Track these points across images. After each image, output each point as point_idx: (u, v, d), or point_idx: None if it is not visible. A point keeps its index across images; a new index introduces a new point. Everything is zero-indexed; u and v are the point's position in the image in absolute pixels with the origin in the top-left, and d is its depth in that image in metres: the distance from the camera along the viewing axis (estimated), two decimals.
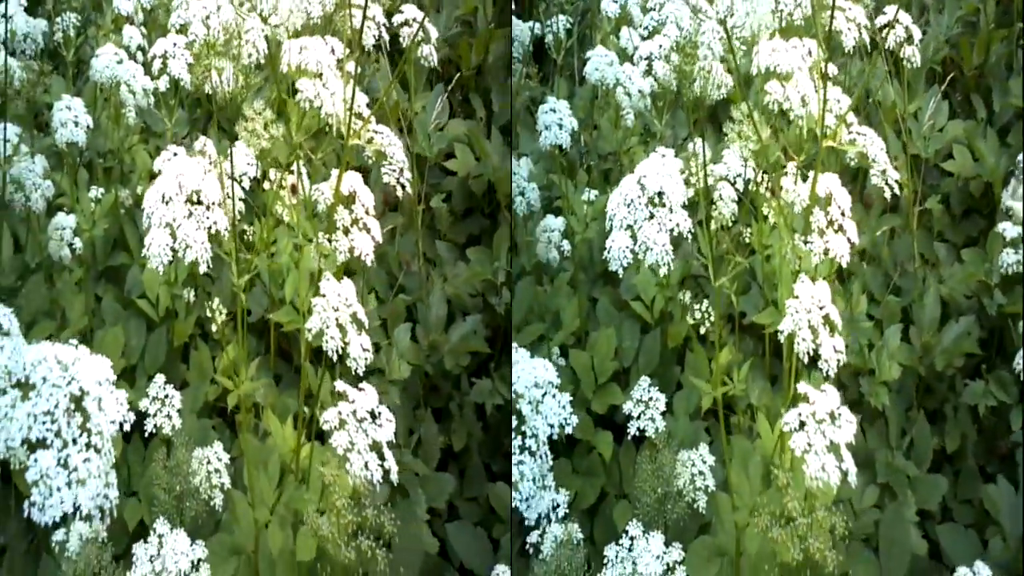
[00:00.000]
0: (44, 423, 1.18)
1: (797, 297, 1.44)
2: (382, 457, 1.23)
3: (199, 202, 1.28)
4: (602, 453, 1.86)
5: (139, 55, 1.96)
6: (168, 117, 1.78)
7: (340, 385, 1.27)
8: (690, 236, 1.44)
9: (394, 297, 2.02)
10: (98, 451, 1.21)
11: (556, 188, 2.11)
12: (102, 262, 2.04)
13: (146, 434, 1.53)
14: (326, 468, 1.21)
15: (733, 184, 1.79)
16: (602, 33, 2.32)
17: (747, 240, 1.67)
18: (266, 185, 1.46)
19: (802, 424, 1.36)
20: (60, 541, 1.31)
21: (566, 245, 2.04)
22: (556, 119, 1.97)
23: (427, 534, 1.78)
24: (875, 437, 2.04)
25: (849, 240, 1.53)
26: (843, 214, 1.55)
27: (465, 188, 2.30)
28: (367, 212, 1.33)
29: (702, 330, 1.52)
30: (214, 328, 1.43)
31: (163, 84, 1.62)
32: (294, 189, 1.40)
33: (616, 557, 1.41)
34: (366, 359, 1.26)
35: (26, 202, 1.86)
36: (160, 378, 1.57)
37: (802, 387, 1.40)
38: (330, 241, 1.31)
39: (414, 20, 1.75)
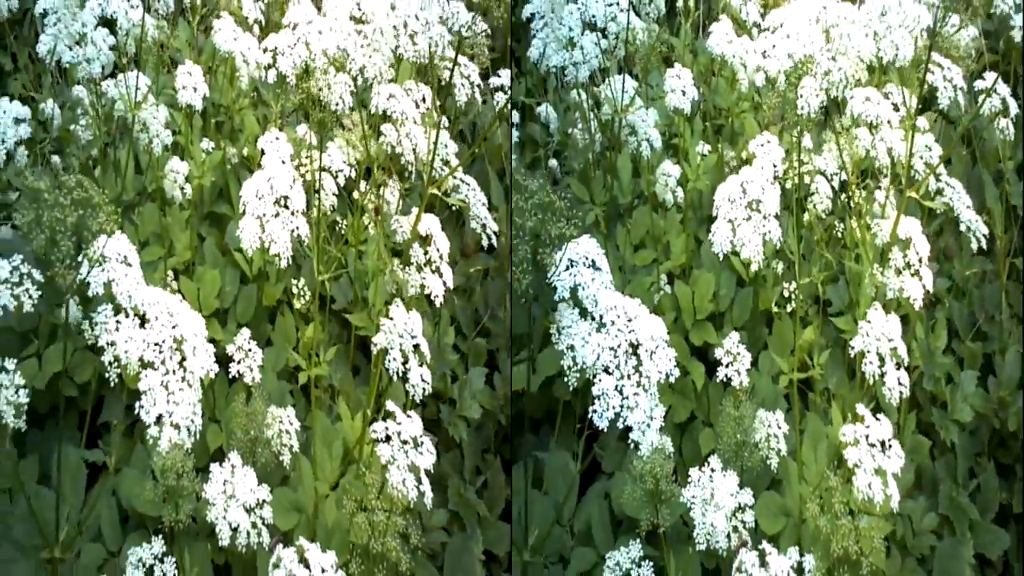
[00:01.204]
0: (154, 351, 1.44)
1: (870, 322, 1.58)
2: (419, 480, 1.30)
3: (286, 206, 1.36)
4: (695, 381, 1.98)
5: (255, 28, 2.03)
6: (274, 101, 1.85)
7: (390, 404, 1.34)
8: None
9: (475, 337, 2.13)
10: (190, 385, 1.46)
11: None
12: (208, 205, 2.16)
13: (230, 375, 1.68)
14: (369, 471, 1.29)
15: (830, 181, 1.89)
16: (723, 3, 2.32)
17: (840, 234, 1.79)
18: (362, 186, 1.52)
19: (856, 441, 1.51)
20: (154, 436, 1.45)
21: (680, 192, 2.13)
22: (680, 85, 2.02)
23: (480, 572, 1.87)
24: (943, 467, 2.06)
25: (924, 287, 1.65)
26: (920, 261, 1.66)
27: None
28: (441, 257, 1.39)
29: (788, 307, 1.65)
30: (296, 305, 1.51)
31: (271, 76, 1.69)
32: (377, 211, 1.46)
33: (698, 480, 1.53)
34: (424, 390, 1.33)
35: (149, 143, 2.01)
36: (246, 332, 1.70)
37: (860, 408, 1.55)
38: (404, 272, 1.37)
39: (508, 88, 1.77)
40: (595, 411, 1.43)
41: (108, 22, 1.95)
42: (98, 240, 1.49)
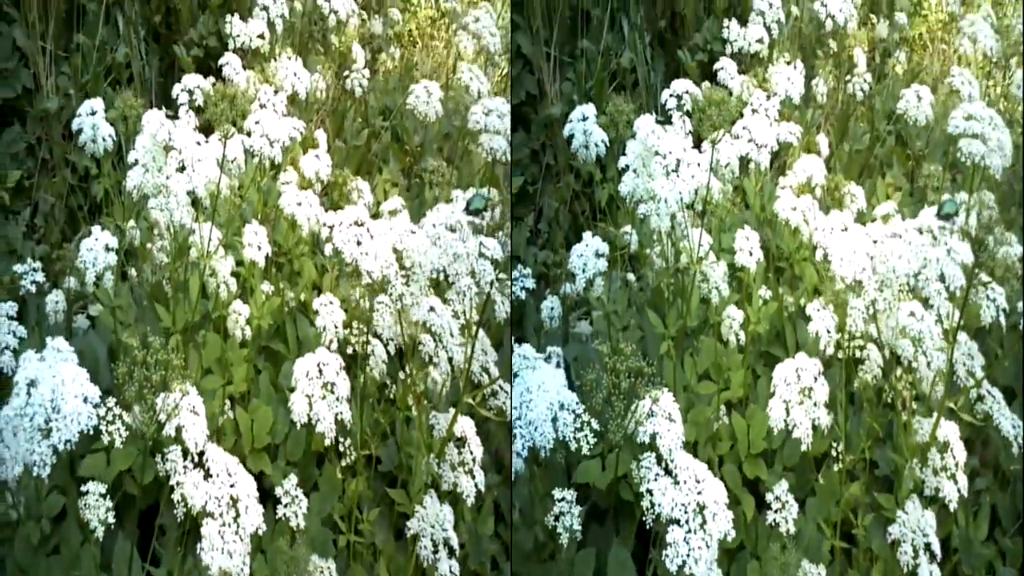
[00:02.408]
0: (214, 503, 1.64)
1: (907, 513, 1.77)
2: None
3: (332, 391, 1.58)
4: (745, 512, 2.13)
5: (317, 185, 2.27)
6: (330, 265, 2.07)
7: None
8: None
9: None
10: (241, 540, 1.65)
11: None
12: (266, 340, 2.35)
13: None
14: None
15: (881, 350, 2.03)
16: None
17: (890, 399, 1.93)
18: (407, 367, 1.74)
19: None
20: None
21: (742, 334, 2.30)
22: (748, 247, 2.21)
23: None
24: None
25: (960, 490, 1.82)
26: (957, 465, 1.83)
27: None
28: (474, 460, 1.59)
29: (835, 454, 1.84)
30: (343, 464, 1.72)
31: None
32: (418, 401, 1.66)
33: None
34: None
35: (216, 287, 2.25)
36: (294, 478, 1.88)
37: None
38: (439, 467, 1.57)
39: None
40: (666, 555, 1.61)
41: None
42: (174, 394, 1.72)
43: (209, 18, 3.08)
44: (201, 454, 1.69)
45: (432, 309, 1.68)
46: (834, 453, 1.87)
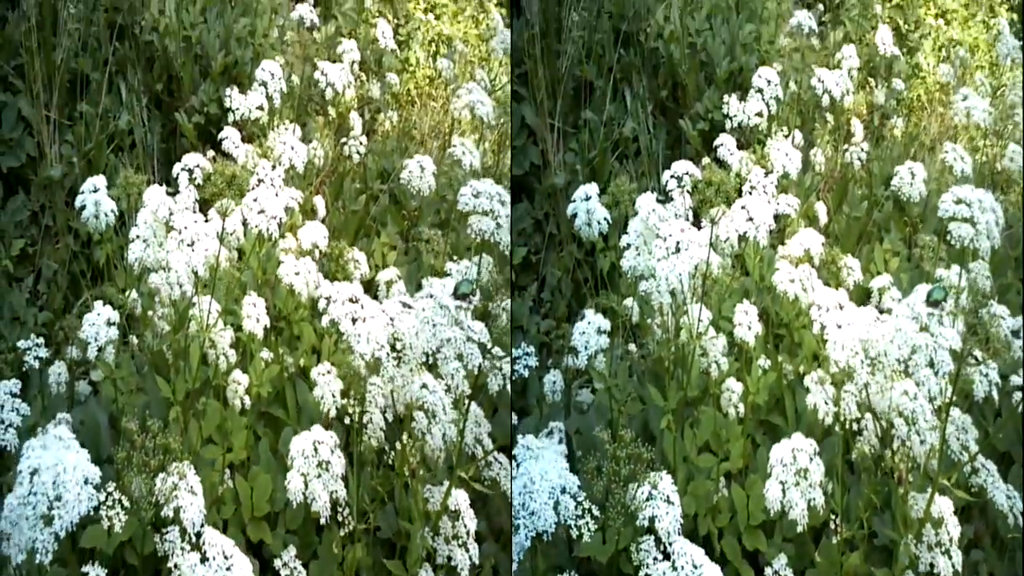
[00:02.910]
0: None
1: None
2: None
3: (327, 469, 1.62)
4: None
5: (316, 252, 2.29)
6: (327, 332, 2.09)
7: None
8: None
9: None
10: None
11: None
12: (266, 405, 2.37)
13: None
14: None
15: (878, 420, 2.03)
16: None
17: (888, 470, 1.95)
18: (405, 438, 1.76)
19: None
20: None
21: (741, 407, 2.32)
22: (747, 320, 2.24)
23: None
24: None
25: (954, 566, 1.85)
26: (951, 541, 1.87)
27: None
28: (468, 534, 1.60)
29: (834, 539, 1.89)
30: (341, 534, 1.73)
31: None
32: (413, 473, 1.68)
33: None
34: None
35: (216, 359, 2.27)
36: (292, 550, 1.89)
37: None
38: (433, 541, 1.58)
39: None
40: None
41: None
42: (172, 476, 1.74)
43: (210, 86, 3.13)
44: (199, 534, 1.70)
45: (425, 386, 1.71)
46: (832, 525, 1.88)
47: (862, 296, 2.45)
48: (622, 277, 2.31)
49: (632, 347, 2.61)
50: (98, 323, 2.14)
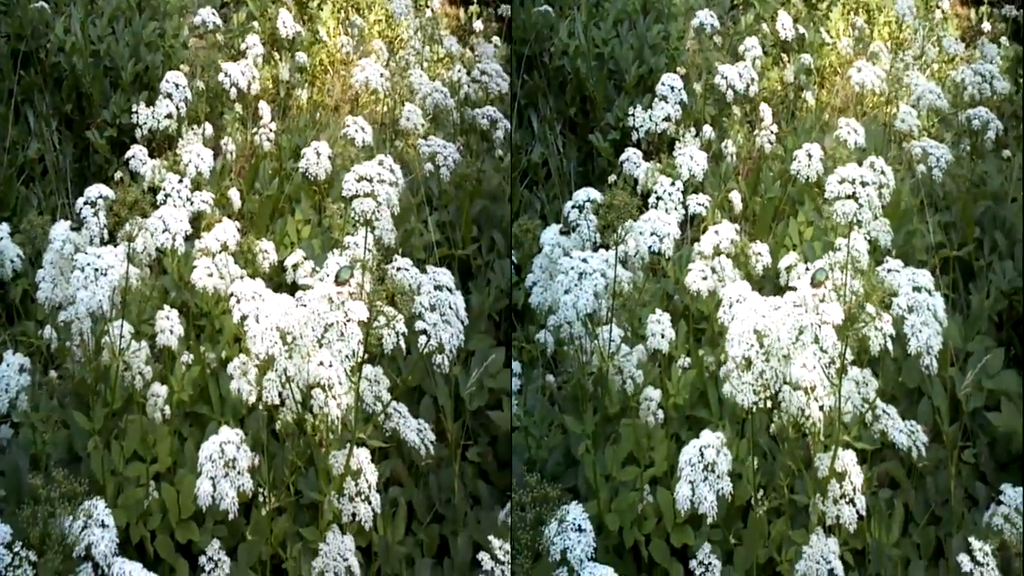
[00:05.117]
0: None
1: (811, 546, 1.93)
2: None
3: (234, 466, 1.85)
4: None
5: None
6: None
7: None
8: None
9: (428, 524, 2.38)
10: None
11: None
12: (189, 406, 2.44)
13: None
14: None
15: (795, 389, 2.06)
16: None
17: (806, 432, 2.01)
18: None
19: None
20: None
21: (660, 413, 2.35)
22: (660, 329, 2.32)
23: None
24: None
25: (858, 511, 1.96)
26: (854, 490, 1.97)
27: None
28: (369, 487, 1.86)
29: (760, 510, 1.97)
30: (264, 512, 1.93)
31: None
32: (321, 443, 1.90)
33: None
34: None
35: (132, 380, 2.30)
36: (216, 543, 1.98)
37: None
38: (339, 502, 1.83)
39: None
40: None
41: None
42: (79, 520, 1.81)
43: (121, 97, 3.13)
44: (110, 566, 1.75)
45: (321, 363, 1.82)
46: (753, 502, 1.97)
47: (774, 277, 2.50)
48: (531, 311, 2.37)
49: (550, 378, 2.66)
50: (8, 373, 2.18)
